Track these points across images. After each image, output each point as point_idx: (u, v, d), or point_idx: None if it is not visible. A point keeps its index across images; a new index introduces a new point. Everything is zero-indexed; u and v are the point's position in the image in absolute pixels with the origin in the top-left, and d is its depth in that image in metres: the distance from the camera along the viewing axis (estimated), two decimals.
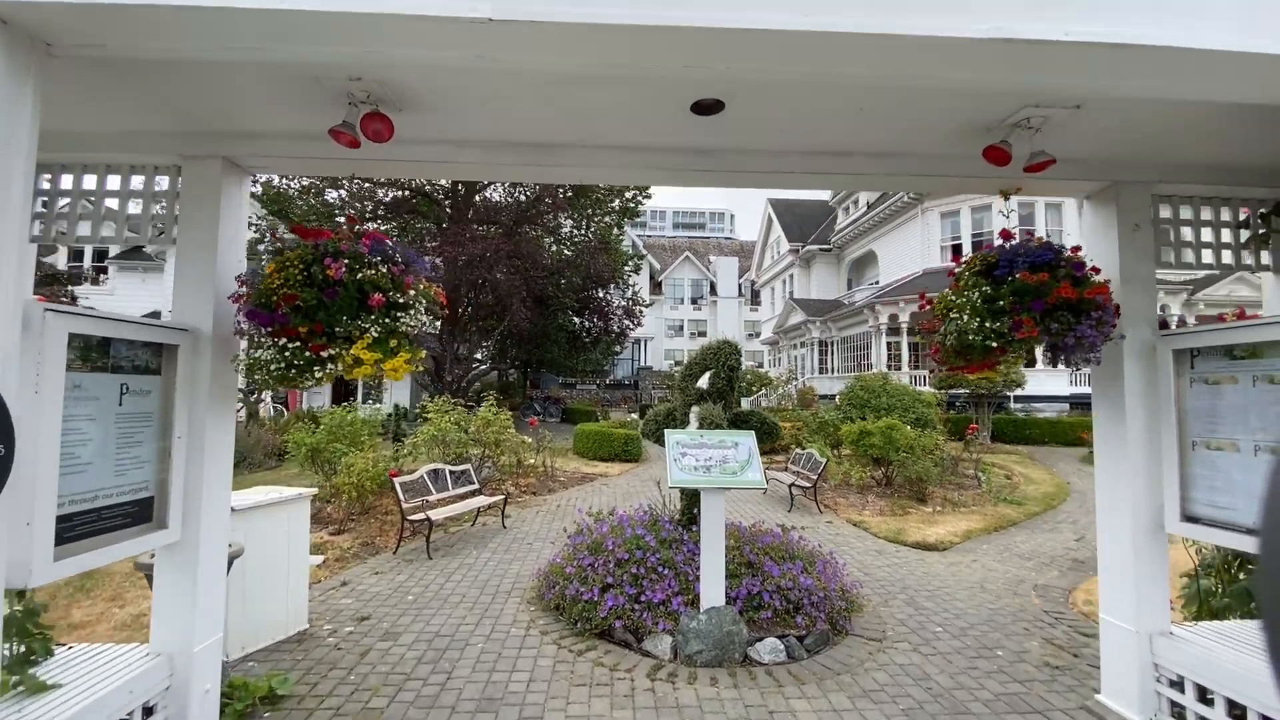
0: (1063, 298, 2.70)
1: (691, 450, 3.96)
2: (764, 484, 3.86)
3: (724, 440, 4.03)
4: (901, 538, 7.00)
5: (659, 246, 56.63)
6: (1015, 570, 5.89)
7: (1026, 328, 2.72)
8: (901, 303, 21.62)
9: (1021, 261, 2.82)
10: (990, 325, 2.81)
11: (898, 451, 9.53)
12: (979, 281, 2.95)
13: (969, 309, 2.91)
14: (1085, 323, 2.71)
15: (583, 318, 25.08)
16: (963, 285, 3.02)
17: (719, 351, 5.02)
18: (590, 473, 11.91)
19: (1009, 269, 2.86)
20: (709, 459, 3.92)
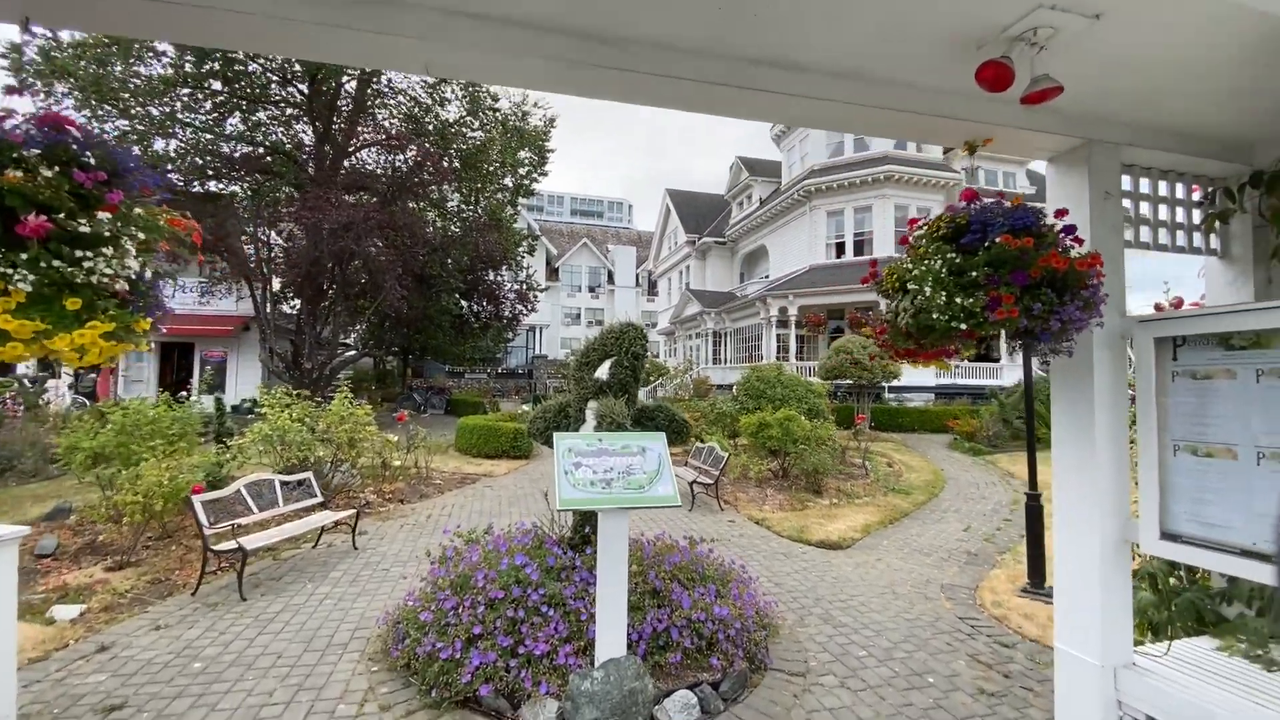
0: (1050, 269, 2.16)
1: (588, 460, 3.09)
2: (678, 500, 3.09)
3: (628, 445, 3.20)
4: (805, 536, 6.67)
5: (556, 232, 54.97)
6: (919, 569, 5.70)
7: (1006, 306, 2.15)
8: (791, 296, 22.26)
9: (1000, 224, 2.27)
10: (961, 302, 2.22)
11: (795, 443, 9.36)
12: (942, 249, 2.35)
13: (931, 281, 2.30)
14: (1073, 303, 2.20)
15: (471, 301, 23.20)
16: (922, 252, 2.43)
17: (621, 336, 4.19)
18: (473, 473, 10.65)
19: (982, 234, 2.30)
20: (610, 469, 3.08)
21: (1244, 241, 2.95)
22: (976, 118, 2.44)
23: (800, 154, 25.77)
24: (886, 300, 2.76)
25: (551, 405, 4.54)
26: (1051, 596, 4.92)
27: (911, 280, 2.40)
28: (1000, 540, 6.86)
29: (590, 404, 4.15)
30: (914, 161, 23.14)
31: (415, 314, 21.05)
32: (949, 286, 2.29)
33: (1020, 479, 10.99)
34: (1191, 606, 2.92)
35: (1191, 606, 2.92)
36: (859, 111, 2.37)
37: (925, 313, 2.34)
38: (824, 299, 22.07)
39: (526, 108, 22.98)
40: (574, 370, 4.46)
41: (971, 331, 2.30)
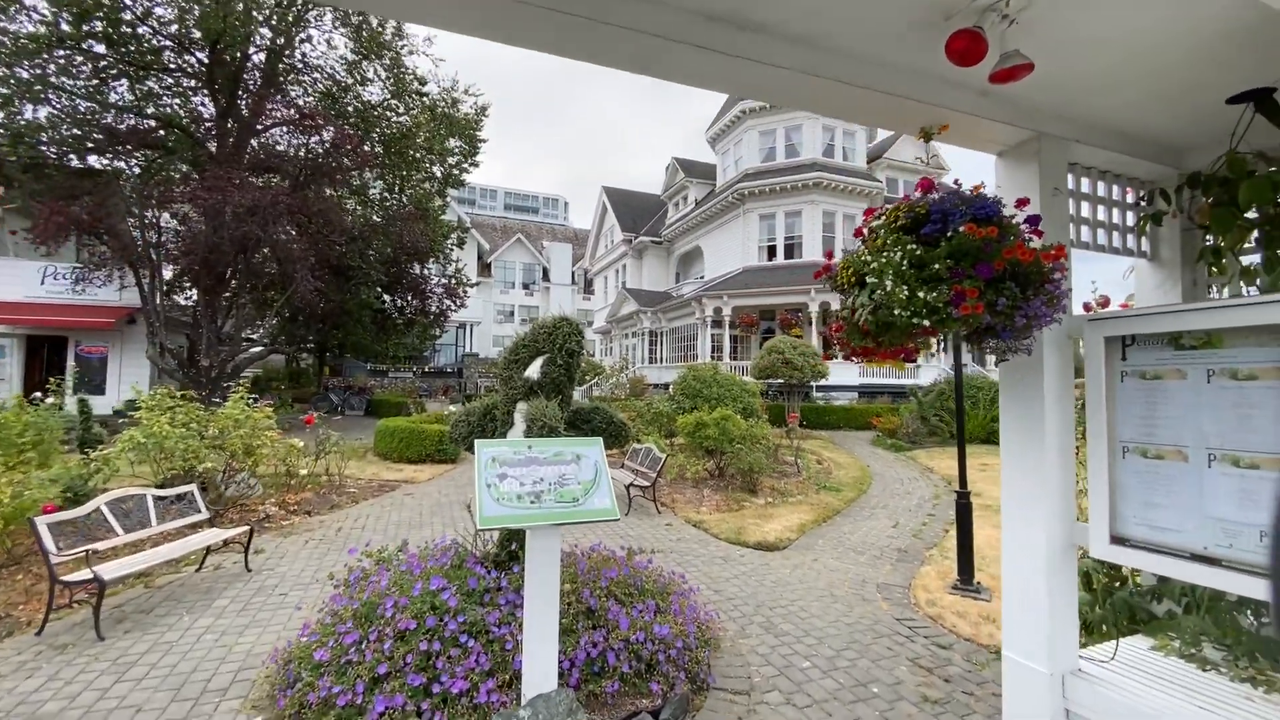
0: (1014, 261, 2.04)
1: (515, 470, 2.73)
2: (616, 513, 2.79)
3: (561, 453, 2.86)
4: (743, 538, 6.56)
5: (488, 226, 53.35)
6: (854, 568, 5.70)
7: (970, 300, 2.02)
8: (725, 296, 22.53)
9: (962, 213, 2.13)
10: (925, 297, 2.07)
11: (731, 443, 9.32)
12: (902, 240, 2.19)
13: (892, 274, 2.14)
14: (1037, 298, 2.09)
15: (394, 295, 21.87)
16: (880, 244, 2.26)
17: (555, 331, 3.84)
18: (392, 480, 9.89)
19: (943, 224, 2.15)
20: (539, 481, 2.73)
21: (1173, 245, 3.03)
22: (935, 101, 2.30)
23: (734, 157, 26.17)
24: (842, 296, 2.59)
25: (476, 407, 4.13)
26: (980, 593, 5.03)
27: (870, 274, 2.23)
28: (927, 535, 7.04)
29: (520, 406, 3.78)
30: (840, 170, 24.03)
31: (332, 308, 19.59)
32: (910, 280, 2.13)
33: (939, 474, 11.52)
34: (1125, 605, 2.96)
35: (1125, 605, 2.96)
36: (815, 85, 2.16)
37: (885, 308, 2.17)
38: (757, 300, 22.50)
39: (457, 94, 21.97)
40: (502, 369, 4.07)
41: (933, 328, 2.15)
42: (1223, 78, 2.32)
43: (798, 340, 18.40)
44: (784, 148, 24.62)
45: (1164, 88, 2.43)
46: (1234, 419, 1.98)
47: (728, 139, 26.60)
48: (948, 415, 16.82)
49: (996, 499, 9.66)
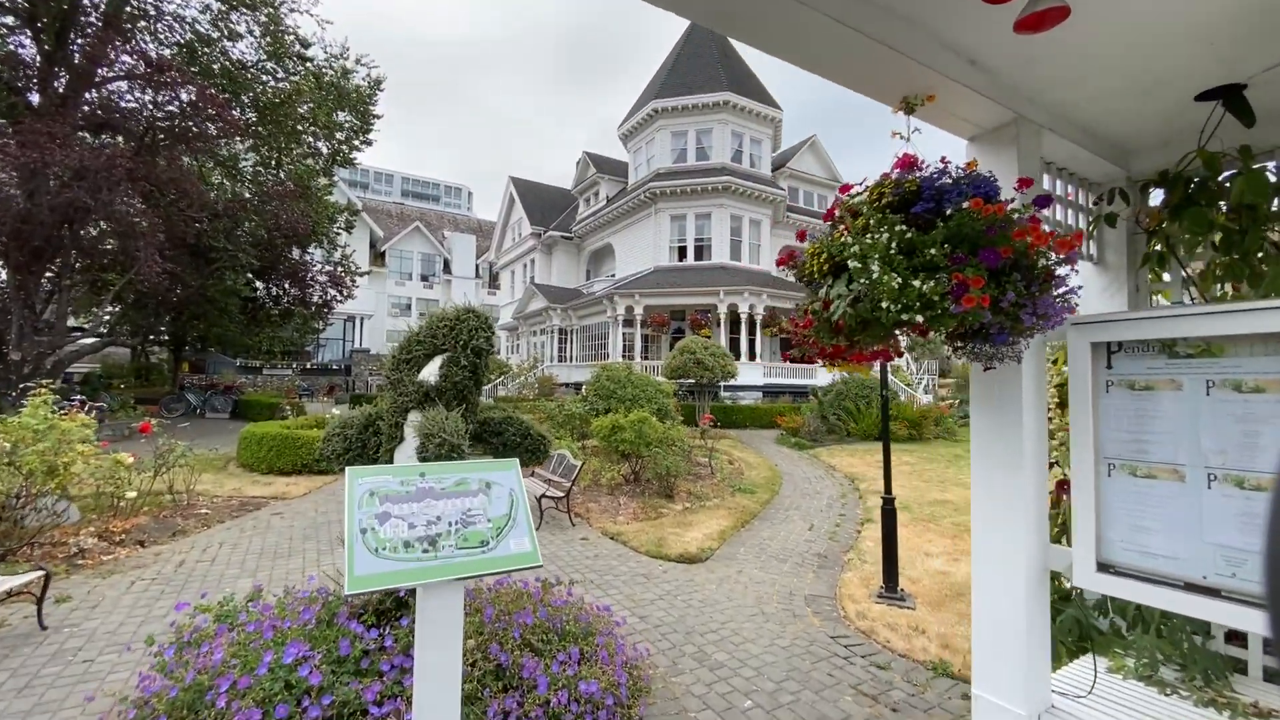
0: (1020, 249, 1.74)
1: (403, 507, 2.07)
2: (538, 557, 2.21)
3: (465, 480, 2.24)
4: (664, 550, 6.16)
5: (383, 212, 49.65)
6: (779, 578, 5.49)
7: (975, 291, 1.69)
8: (637, 295, 22.29)
9: (962, 190, 1.80)
10: (920, 287, 1.71)
11: (648, 446, 8.95)
12: (890, 220, 1.83)
13: (879, 260, 1.77)
14: (1046, 295, 1.81)
15: (269, 282, 19.37)
16: (861, 225, 1.89)
17: (458, 325, 3.18)
18: (258, 496, 8.50)
19: (937, 203, 1.82)
20: (436, 520, 2.10)
21: (1118, 249, 2.97)
22: (925, 61, 1.95)
23: (646, 156, 26.04)
24: (810, 288, 2.20)
25: (355, 417, 3.35)
26: (905, 601, 4.97)
27: (852, 259, 1.84)
28: (842, 538, 7.05)
29: (412, 417, 3.08)
30: (748, 175, 24.64)
31: (190, 294, 16.93)
32: (899, 268, 1.77)
33: (842, 472, 11.91)
34: (1075, 623, 2.86)
35: (1075, 623, 2.86)
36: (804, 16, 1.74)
37: (869, 301, 1.79)
38: (668, 300, 22.47)
39: (347, 62, 19.91)
40: (390, 370, 3.33)
41: (925, 326, 1.80)
42: (1189, 74, 2.20)
43: (708, 341, 18.53)
44: (695, 150, 24.83)
45: (1130, 82, 2.27)
46: (1238, 436, 1.79)
47: (639, 137, 26.41)
48: (845, 414, 17.66)
49: (902, 497, 10.08)
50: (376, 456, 3.24)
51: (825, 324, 2.03)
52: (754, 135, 25.48)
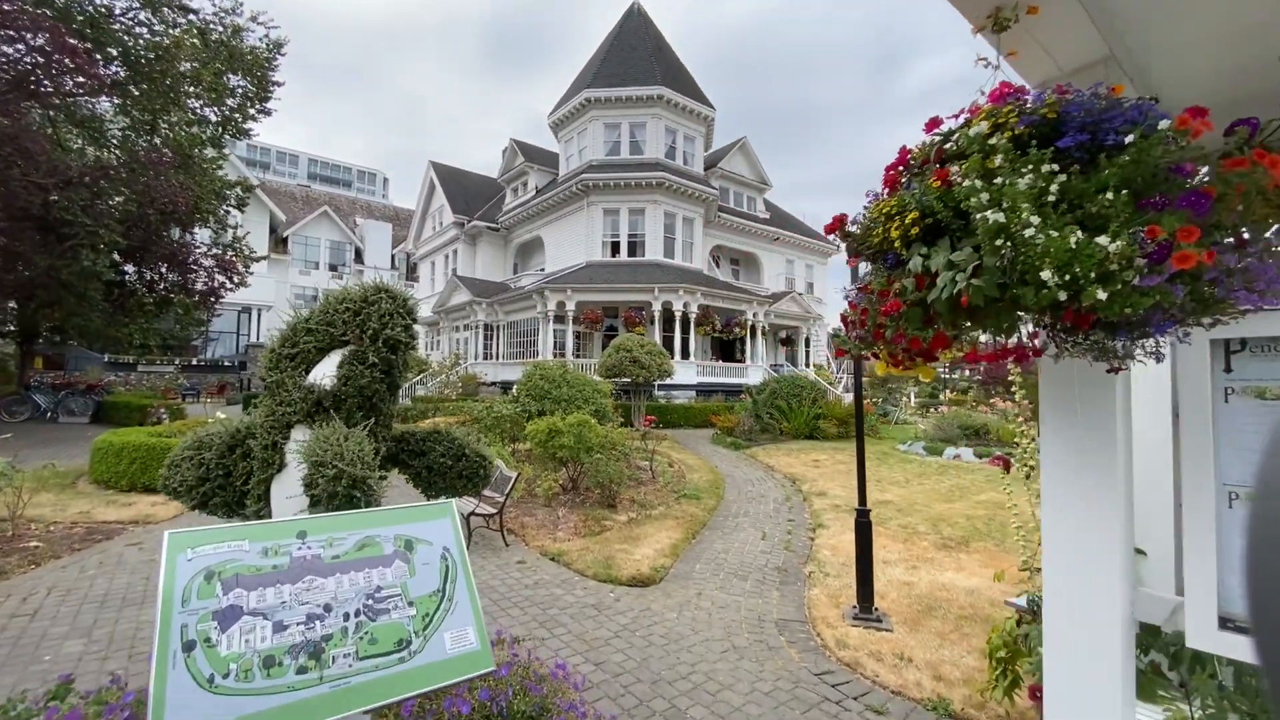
0: (1252, 184, 1.20)
1: (262, 595, 1.26)
2: (490, 659, 1.46)
3: (373, 540, 1.46)
4: (613, 572, 5.48)
5: (285, 194, 45.48)
6: (743, 600, 4.97)
7: (1188, 247, 1.13)
8: (570, 291, 21.41)
9: (1130, 116, 1.26)
10: (1110, 246, 1.13)
11: (589, 452, 8.23)
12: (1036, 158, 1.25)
13: (1028, 205, 1.18)
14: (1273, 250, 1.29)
15: (140, 265, 16.71)
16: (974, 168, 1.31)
17: (366, 310, 2.34)
18: (113, 521, 6.98)
19: (1092, 135, 1.26)
20: (324, 610, 1.31)
21: None
22: None
23: (578, 146, 25.16)
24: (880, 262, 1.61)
25: (215, 435, 2.43)
26: (882, 622, 4.57)
27: (982, 210, 1.25)
28: (797, 546, 6.68)
29: (297, 435, 2.21)
30: (681, 173, 24.37)
31: (39, 275, 14.21)
32: (1055, 224, 1.20)
33: (781, 472, 11.73)
34: None
35: None
36: None
37: (1017, 268, 1.21)
38: (602, 296, 21.75)
39: (240, 20, 17.60)
40: (266, 368, 2.43)
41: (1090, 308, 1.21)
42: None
43: (644, 339, 18.01)
44: (628, 143, 24.24)
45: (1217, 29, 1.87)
46: None
47: (571, 126, 25.47)
48: (778, 413, 17.73)
49: (845, 499, 9.94)
50: (245, 491, 2.33)
51: (918, 308, 1.44)
52: (687, 133, 25.25)
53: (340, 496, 1.81)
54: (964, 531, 7.39)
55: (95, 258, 14.46)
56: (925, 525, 7.66)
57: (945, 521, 7.88)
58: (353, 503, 1.78)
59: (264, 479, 2.26)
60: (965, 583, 5.57)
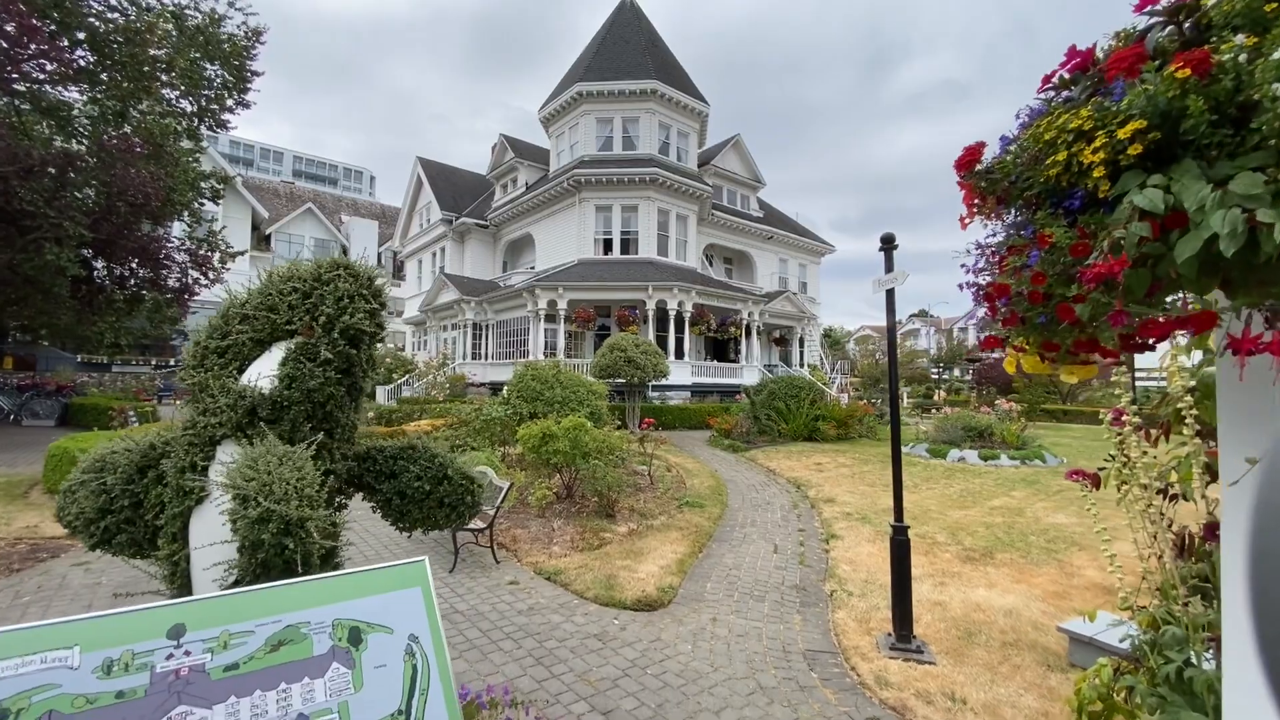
0: None
1: None
2: None
3: (298, 629, 0.92)
4: (616, 594, 4.95)
5: (268, 190, 44.45)
6: (763, 625, 4.47)
7: None
8: (561, 289, 20.83)
9: None
10: None
11: (585, 458, 7.69)
12: None
13: None
14: None
15: (110, 260, 15.89)
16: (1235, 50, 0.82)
17: (319, 291, 1.80)
18: (61, 536, 6.32)
19: None
20: None
21: None
22: None
23: (570, 142, 24.59)
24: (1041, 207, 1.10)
25: (120, 454, 1.86)
26: (923, 653, 4.07)
27: None
28: (812, 561, 6.19)
29: (223, 454, 1.66)
30: (675, 169, 23.89)
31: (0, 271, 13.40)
32: None
33: (784, 477, 11.26)
34: None
35: None
36: None
37: None
38: (594, 294, 21.21)
39: (217, 5, 16.84)
40: (190, 365, 1.87)
41: None
42: None
43: (639, 338, 17.49)
44: (621, 139, 23.71)
45: None
46: None
47: (562, 121, 24.89)
48: (776, 415, 17.29)
49: (855, 506, 9.45)
50: (158, 527, 1.78)
51: (1142, 269, 0.94)
52: (681, 128, 24.78)
53: (267, 547, 1.27)
54: (985, 541, 6.95)
55: (60, 252, 13.67)
56: (944, 535, 7.21)
57: (964, 530, 7.44)
58: (284, 556, 1.25)
59: (179, 513, 1.71)
60: (1000, 601, 5.11)
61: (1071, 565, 6.20)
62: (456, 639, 4.06)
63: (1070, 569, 6.09)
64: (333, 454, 1.83)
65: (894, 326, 4.21)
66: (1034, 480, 11.10)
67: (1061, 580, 5.76)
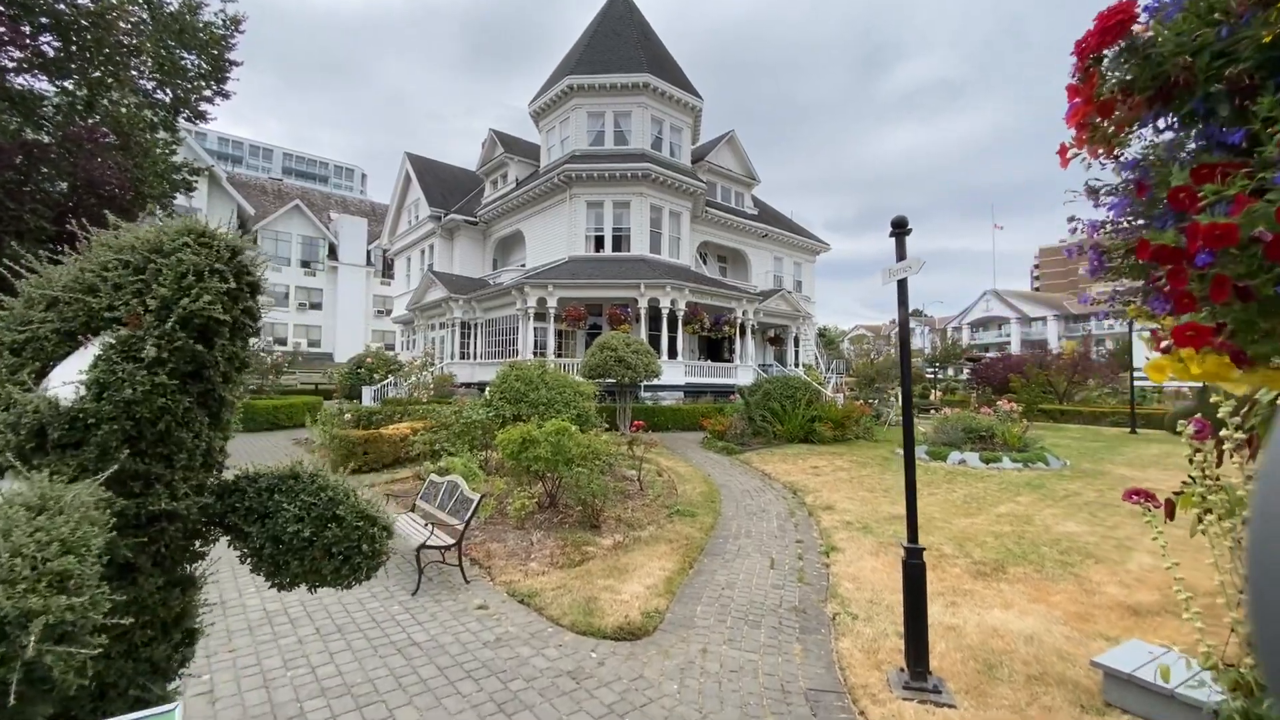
0: None
1: None
2: None
3: None
4: (596, 620, 4.45)
5: (254, 186, 43.63)
6: (759, 659, 3.98)
7: None
8: (551, 287, 20.30)
9: None
10: None
11: (569, 464, 7.18)
12: None
13: None
14: None
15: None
16: None
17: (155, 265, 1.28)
18: None
19: None
20: None
21: None
22: None
23: (561, 136, 24.04)
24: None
25: None
26: (941, 694, 3.57)
27: None
28: (811, 577, 5.72)
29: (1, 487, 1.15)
30: (668, 164, 23.40)
31: None
32: None
33: (779, 481, 10.79)
34: None
35: None
36: None
37: None
38: (585, 292, 20.68)
39: None
40: None
41: None
42: None
43: (630, 337, 16.99)
44: (613, 133, 23.20)
45: None
46: None
47: (553, 115, 24.34)
48: (771, 415, 16.84)
49: (856, 514, 8.94)
50: None
51: None
52: (674, 123, 24.28)
53: None
54: (996, 554, 6.50)
55: (22, 247, 13.03)
56: (951, 546, 6.76)
57: (971, 541, 6.99)
58: None
59: None
60: (1019, 624, 4.65)
61: (1090, 581, 5.75)
62: (409, 678, 3.56)
63: (1089, 585, 5.64)
64: (174, 490, 1.33)
65: (906, 321, 3.73)
66: (1039, 484, 10.68)
67: (1081, 599, 5.30)
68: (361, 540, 1.55)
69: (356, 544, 1.55)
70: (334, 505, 1.55)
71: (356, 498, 1.60)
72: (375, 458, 10.31)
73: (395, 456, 10.55)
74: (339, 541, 1.52)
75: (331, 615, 4.45)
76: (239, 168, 74.68)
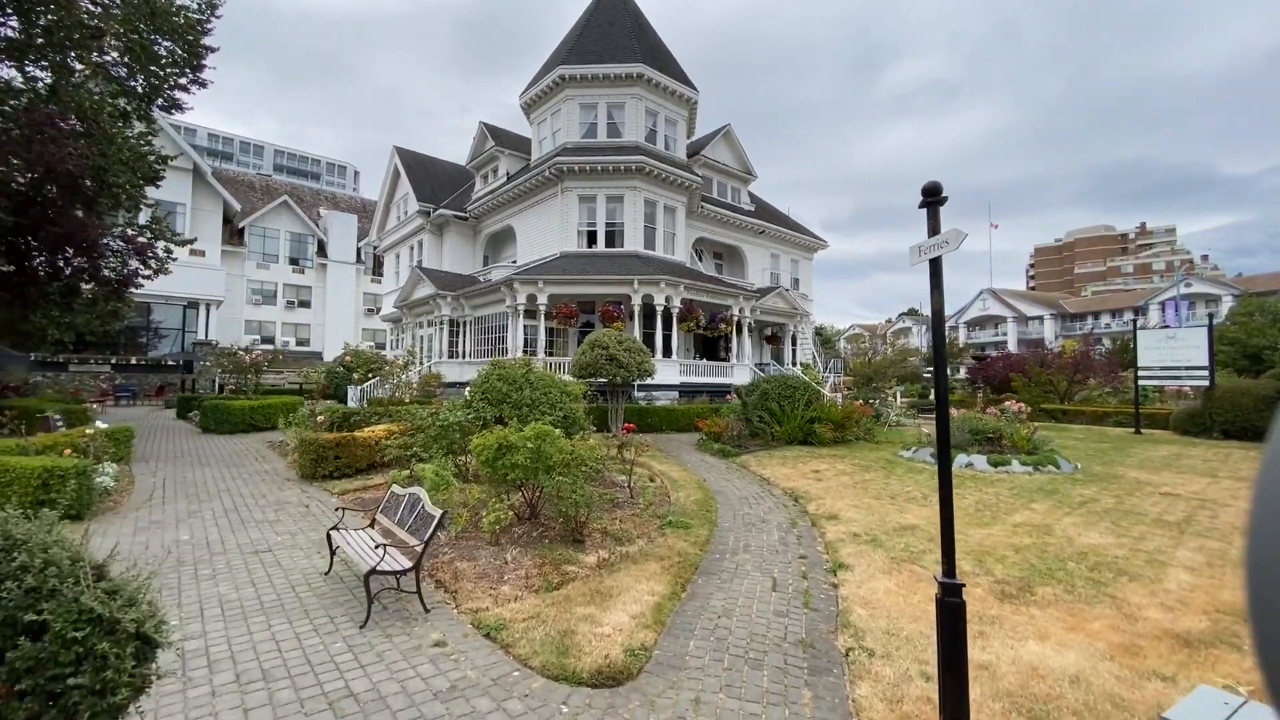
0: None
1: None
2: None
3: None
4: (570, 661, 3.81)
5: (242, 182, 42.73)
6: (762, 713, 3.35)
7: None
8: (541, 283, 19.63)
9: None
10: None
11: (550, 472, 6.53)
12: None
13: None
14: None
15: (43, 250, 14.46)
16: None
17: None
18: None
19: None
20: None
21: None
22: None
23: (552, 129, 23.36)
24: None
25: None
26: None
27: None
28: (818, 602, 5.09)
29: None
30: (663, 158, 22.76)
31: None
32: None
33: (779, 487, 10.16)
34: None
35: None
36: None
37: None
38: (576, 289, 20.02)
39: None
40: None
41: None
42: None
43: (622, 335, 16.35)
44: (605, 126, 22.53)
45: None
46: None
47: (544, 107, 23.65)
48: (769, 417, 16.23)
49: (863, 524, 8.03)
50: None
51: None
52: (669, 115, 23.63)
53: None
54: (1019, 571, 5.89)
55: None
56: (970, 561, 6.15)
57: (990, 555, 6.38)
58: None
59: None
60: (1060, 661, 4.04)
61: (1128, 604, 5.14)
62: None
63: (1128, 609, 5.03)
64: None
65: (941, 308, 3.10)
66: (1053, 490, 10.09)
67: (1123, 626, 4.70)
68: (83, 666, 0.85)
69: (71, 672, 0.86)
70: (34, 598, 0.84)
71: (86, 579, 0.91)
72: (348, 462, 9.64)
73: (370, 461, 9.88)
74: (36, 669, 0.83)
75: (260, 655, 3.79)
76: (230, 164, 73.57)
